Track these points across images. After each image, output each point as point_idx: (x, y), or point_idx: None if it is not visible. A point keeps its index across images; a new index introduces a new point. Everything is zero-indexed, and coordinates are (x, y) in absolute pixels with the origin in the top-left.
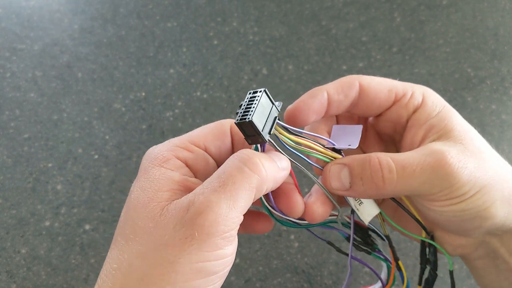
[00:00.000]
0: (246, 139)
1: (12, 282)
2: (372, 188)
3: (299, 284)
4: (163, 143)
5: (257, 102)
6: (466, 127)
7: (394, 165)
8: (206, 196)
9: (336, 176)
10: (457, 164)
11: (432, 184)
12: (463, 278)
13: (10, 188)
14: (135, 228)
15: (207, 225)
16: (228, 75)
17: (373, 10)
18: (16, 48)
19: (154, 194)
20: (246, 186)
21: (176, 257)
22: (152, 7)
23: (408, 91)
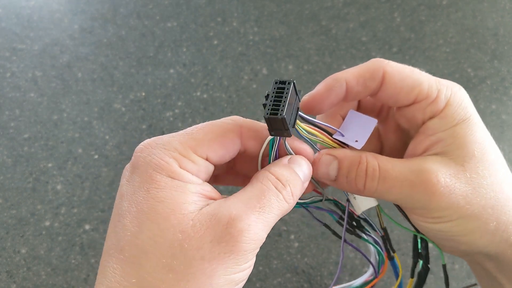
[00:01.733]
0: (270, 131)
1: (12, 282)
2: (353, 188)
3: (299, 284)
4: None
5: (287, 96)
6: (478, 147)
7: (378, 175)
8: (246, 213)
9: (325, 165)
10: (441, 189)
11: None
12: (463, 278)
13: (10, 188)
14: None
15: (246, 243)
16: (228, 75)
17: (373, 10)
18: (16, 48)
19: (177, 206)
20: (278, 213)
21: (214, 270)
22: (152, 7)
23: (432, 93)
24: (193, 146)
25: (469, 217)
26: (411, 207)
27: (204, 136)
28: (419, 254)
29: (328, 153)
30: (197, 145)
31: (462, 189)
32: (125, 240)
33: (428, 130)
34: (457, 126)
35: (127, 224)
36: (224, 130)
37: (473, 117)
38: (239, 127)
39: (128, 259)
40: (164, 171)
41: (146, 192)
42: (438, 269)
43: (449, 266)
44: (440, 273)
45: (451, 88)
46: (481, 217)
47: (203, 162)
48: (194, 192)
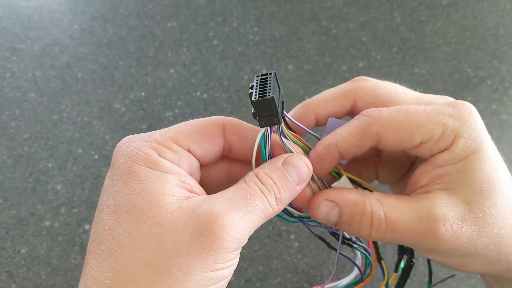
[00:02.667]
0: (260, 120)
1: (12, 282)
2: (355, 234)
3: (299, 284)
4: (142, 136)
5: (271, 82)
6: (487, 182)
7: (385, 227)
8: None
9: (324, 214)
10: (448, 236)
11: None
12: (463, 278)
13: (10, 188)
14: (132, 233)
15: (227, 241)
16: (228, 75)
17: (373, 10)
18: (16, 48)
19: (155, 198)
20: (262, 216)
21: (191, 266)
22: (152, 7)
23: (436, 132)
24: (174, 137)
25: (472, 255)
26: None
27: (185, 129)
28: (404, 249)
29: (327, 199)
30: (178, 136)
31: (468, 231)
32: (103, 235)
33: (435, 162)
34: (467, 160)
35: (105, 218)
36: (206, 123)
37: (485, 147)
38: (221, 121)
39: (105, 253)
40: (142, 162)
41: (124, 184)
42: (442, 273)
43: None
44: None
45: (459, 117)
46: (483, 254)
47: (184, 152)
48: (173, 184)
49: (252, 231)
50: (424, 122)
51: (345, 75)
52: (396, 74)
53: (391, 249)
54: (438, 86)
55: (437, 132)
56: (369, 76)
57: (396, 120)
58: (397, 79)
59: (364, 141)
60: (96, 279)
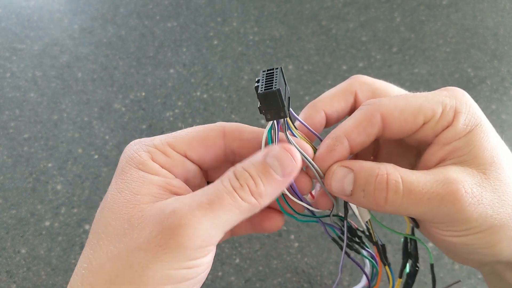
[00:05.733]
0: (266, 114)
1: (12, 282)
2: (372, 203)
3: (299, 284)
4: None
5: (278, 76)
6: (495, 153)
7: (402, 188)
8: (191, 209)
9: (339, 179)
10: (469, 199)
11: (436, 214)
12: (463, 278)
13: (10, 188)
14: (108, 228)
15: (184, 238)
16: (228, 75)
17: (373, 10)
18: (16, 48)
19: (132, 197)
20: (235, 211)
21: (150, 262)
22: (152, 7)
23: (437, 110)
24: (172, 142)
25: (497, 227)
26: (437, 222)
27: (184, 135)
28: (409, 254)
29: (342, 165)
30: (176, 142)
31: (489, 198)
32: (92, 228)
33: (442, 140)
34: (471, 133)
35: (97, 213)
36: (205, 130)
37: (484, 122)
38: (222, 128)
39: (88, 245)
40: (134, 163)
41: (115, 183)
42: (443, 274)
43: (449, 266)
44: (445, 278)
45: (454, 96)
46: (508, 226)
47: (179, 157)
48: (155, 185)
49: (226, 227)
50: (424, 103)
51: (345, 75)
52: (396, 74)
53: (398, 256)
54: (438, 86)
55: (437, 109)
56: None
57: (397, 105)
58: (397, 79)
59: (371, 128)
60: (78, 270)
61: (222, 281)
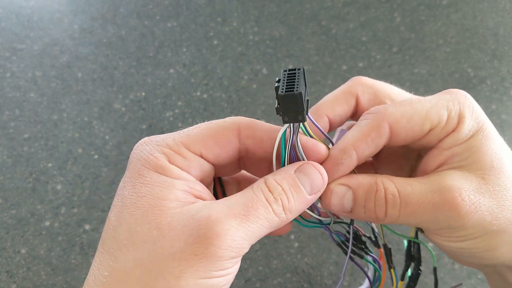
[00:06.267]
0: (283, 116)
1: (12, 282)
2: (372, 217)
3: (299, 284)
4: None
5: (300, 77)
6: (496, 158)
7: (399, 201)
8: (227, 218)
9: (339, 198)
10: (466, 207)
11: (434, 223)
12: (463, 278)
13: (10, 188)
14: (132, 234)
15: (221, 249)
16: (228, 75)
17: (373, 10)
18: (16, 48)
19: (157, 202)
20: (266, 225)
21: (183, 271)
22: (152, 7)
23: (443, 116)
24: (186, 142)
25: (496, 232)
26: (435, 229)
27: (198, 133)
28: (412, 256)
29: (340, 183)
30: (190, 142)
31: (487, 204)
32: (107, 234)
33: (442, 145)
34: (472, 138)
35: (111, 218)
36: (220, 128)
37: (486, 126)
38: (237, 125)
39: (106, 252)
40: (151, 166)
41: (132, 186)
42: (443, 275)
43: (449, 266)
44: (445, 277)
45: (457, 100)
46: (508, 231)
47: (196, 158)
48: (179, 189)
49: (254, 240)
50: (430, 109)
51: (345, 75)
52: (396, 74)
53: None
54: (438, 86)
55: (443, 116)
56: (369, 76)
57: (405, 112)
58: (397, 79)
59: (379, 139)
60: (96, 277)
61: None
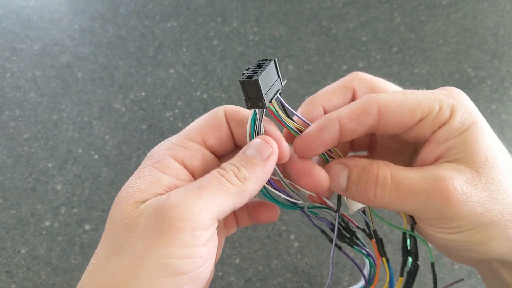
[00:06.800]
0: (246, 102)
1: (12, 282)
2: (363, 198)
3: (299, 284)
4: (164, 142)
5: (265, 67)
6: (490, 152)
7: (390, 183)
8: (182, 193)
9: (336, 175)
10: (458, 197)
11: (425, 211)
12: (463, 277)
13: (10, 188)
14: (111, 224)
15: (177, 219)
16: (228, 75)
17: (373, 10)
18: (16, 48)
19: (135, 192)
20: (223, 193)
21: (145, 251)
22: (152, 7)
23: (435, 107)
24: (188, 134)
25: (488, 225)
26: (427, 218)
27: (196, 123)
28: (409, 251)
29: (338, 162)
30: (191, 133)
31: (479, 196)
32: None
33: (437, 139)
34: (467, 132)
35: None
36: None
37: (480, 121)
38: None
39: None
40: (151, 162)
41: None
42: (443, 274)
43: (449, 266)
44: (445, 277)
45: (451, 95)
46: (499, 224)
47: (199, 148)
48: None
49: (216, 211)
50: (422, 99)
51: (345, 75)
52: (396, 74)
53: (397, 256)
54: (438, 86)
55: (435, 106)
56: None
57: (395, 99)
58: (397, 79)
59: (365, 118)
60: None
61: (222, 281)
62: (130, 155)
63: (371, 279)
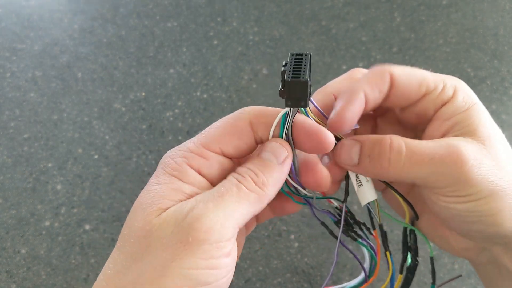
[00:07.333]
0: (286, 100)
1: (12, 282)
2: (377, 167)
3: (299, 284)
4: (179, 147)
5: (306, 64)
6: (492, 129)
7: (405, 149)
8: (205, 203)
9: (347, 150)
10: (471, 161)
11: (439, 177)
12: (463, 278)
13: (10, 188)
14: (131, 230)
15: (202, 231)
16: (228, 75)
17: (373, 10)
18: (16, 48)
19: (157, 199)
20: (244, 202)
21: (169, 261)
22: (152, 7)
23: (439, 84)
24: (205, 142)
25: (498, 194)
26: (440, 186)
27: (215, 131)
28: (409, 247)
29: (350, 138)
30: (209, 141)
31: (489, 163)
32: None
33: (444, 115)
34: (470, 109)
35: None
36: (232, 120)
37: (480, 103)
38: (247, 113)
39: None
40: (168, 170)
41: (146, 186)
42: (438, 269)
43: (449, 266)
44: (444, 278)
45: (454, 79)
46: (508, 194)
47: (216, 157)
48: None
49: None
50: (429, 75)
51: None
52: None
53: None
54: None
55: (439, 84)
56: None
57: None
58: None
59: (382, 84)
60: (105, 269)
61: None
62: (130, 155)
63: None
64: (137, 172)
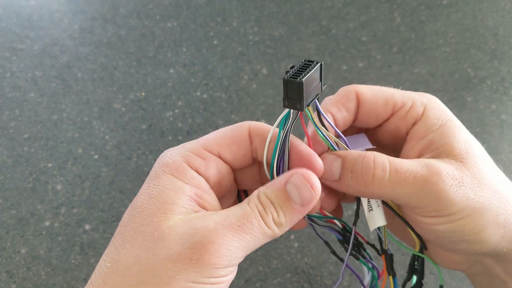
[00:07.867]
0: (284, 100)
1: (12, 282)
2: (360, 183)
3: (299, 284)
4: (177, 147)
5: (312, 70)
6: (469, 145)
7: (389, 166)
8: (223, 229)
9: (329, 164)
10: (450, 181)
11: (421, 197)
12: (462, 278)
13: (10, 188)
14: (136, 232)
15: (215, 256)
16: (228, 75)
17: (373, 10)
18: (16, 48)
19: (162, 205)
20: (260, 236)
21: (176, 273)
22: (152, 7)
23: (407, 102)
24: (204, 144)
25: (480, 211)
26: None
27: (215, 135)
28: (415, 269)
29: (331, 153)
30: (208, 143)
31: (469, 181)
32: (118, 229)
33: (417, 135)
34: (444, 126)
35: (124, 214)
36: (233, 127)
37: (454, 118)
38: (247, 125)
39: (113, 246)
40: (168, 169)
41: (147, 187)
42: None
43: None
44: None
45: (424, 96)
46: (491, 210)
47: (213, 158)
48: (187, 195)
49: (248, 250)
50: (396, 93)
51: (345, 75)
52: (396, 74)
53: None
54: (438, 86)
55: (407, 101)
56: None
57: (372, 89)
58: (397, 79)
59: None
60: (100, 267)
61: None
62: (130, 155)
63: None
64: (137, 172)
